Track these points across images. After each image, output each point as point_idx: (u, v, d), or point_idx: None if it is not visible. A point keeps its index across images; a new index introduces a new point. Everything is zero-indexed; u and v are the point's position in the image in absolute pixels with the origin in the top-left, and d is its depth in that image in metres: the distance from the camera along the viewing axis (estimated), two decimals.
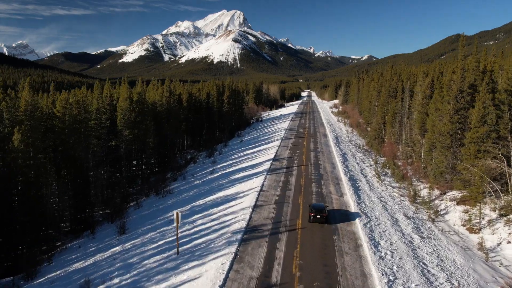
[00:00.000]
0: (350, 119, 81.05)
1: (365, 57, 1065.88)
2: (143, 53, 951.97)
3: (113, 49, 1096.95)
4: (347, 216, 23.16)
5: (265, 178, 31.56)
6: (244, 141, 60.45)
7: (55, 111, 31.35)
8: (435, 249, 20.54)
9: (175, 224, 19.41)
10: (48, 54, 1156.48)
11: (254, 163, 38.95)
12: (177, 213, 18.84)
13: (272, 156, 40.41)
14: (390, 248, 19.29)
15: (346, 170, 35.11)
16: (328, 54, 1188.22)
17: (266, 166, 36.08)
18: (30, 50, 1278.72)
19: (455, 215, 26.88)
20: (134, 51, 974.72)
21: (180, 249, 19.67)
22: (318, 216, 21.47)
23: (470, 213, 25.85)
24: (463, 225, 25.63)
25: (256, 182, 30.46)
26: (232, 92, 79.86)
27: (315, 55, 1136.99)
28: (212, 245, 19.43)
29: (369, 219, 22.81)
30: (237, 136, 69.59)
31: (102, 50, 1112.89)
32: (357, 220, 22.27)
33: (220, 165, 42.48)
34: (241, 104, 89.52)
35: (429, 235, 22.46)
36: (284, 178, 31.64)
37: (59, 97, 31.80)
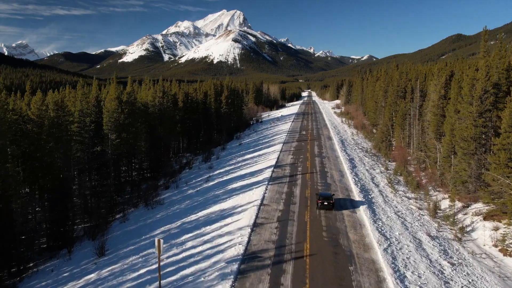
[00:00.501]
0: (354, 120, 77.58)
1: (365, 57, 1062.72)
2: (143, 53, 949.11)
3: (113, 49, 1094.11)
4: (363, 238, 19.69)
5: (266, 189, 28.09)
6: (243, 144, 56.98)
7: (29, 114, 27.88)
8: (470, 280, 17.08)
9: (158, 252, 15.94)
10: (48, 54, 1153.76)
11: (253, 170, 35.48)
12: (158, 241, 15.36)
13: (273, 162, 36.93)
14: (419, 283, 15.81)
15: (356, 179, 31.63)
16: (328, 54, 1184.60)
17: (267, 174, 32.60)
18: (30, 50, 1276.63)
19: (484, 233, 23.39)
20: (134, 51, 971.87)
21: (163, 282, 16.21)
22: (326, 203, 23.63)
23: (503, 232, 22.36)
24: (495, 245, 22.14)
25: (256, 194, 26.99)
26: (231, 92, 76.37)
27: (315, 55, 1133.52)
28: (202, 279, 15.94)
29: (389, 242, 19.33)
30: (236, 139, 66.14)
31: (102, 50, 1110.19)
32: (375, 244, 18.78)
33: (217, 172, 39.01)
34: (240, 105, 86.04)
35: (460, 261, 19.00)
36: (288, 189, 28.17)
37: (34, 98, 28.32)
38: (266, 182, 29.76)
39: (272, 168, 34.59)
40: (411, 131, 46.82)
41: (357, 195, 26.94)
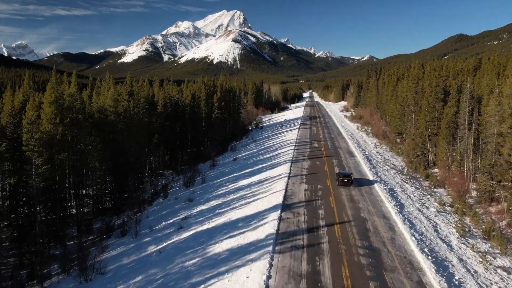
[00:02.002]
0: (372, 127, 65.52)
1: (365, 58, 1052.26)
2: (143, 53, 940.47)
3: (113, 50, 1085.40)
4: None
5: (271, 267, 16.01)
6: (238, 159, 44.88)
7: None
8: None
9: None
10: (48, 55, 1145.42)
11: (250, 212, 23.38)
12: None
13: (280, 198, 24.82)
14: None
15: (416, 234, 19.55)
16: (328, 54, 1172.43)
17: (271, 224, 20.51)
18: (29, 51, 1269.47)
19: None
20: (133, 51, 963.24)
21: None
22: (346, 180, 27.62)
23: None
24: None
25: (253, 278, 14.95)
26: (225, 93, 64.31)
27: (316, 56, 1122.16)
28: None
29: None
30: (230, 150, 54.08)
31: (102, 51, 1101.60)
32: None
33: (197, 209, 26.97)
34: (237, 108, 73.99)
35: None
36: (308, 266, 16.08)
37: None
38: (271, 247, 17.67)
39: (279, 211, 22.48)
40: (465, 147, 34.76)
41: (435, 280, 14.84)
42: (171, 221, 26.00)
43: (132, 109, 35.44)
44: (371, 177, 30.84)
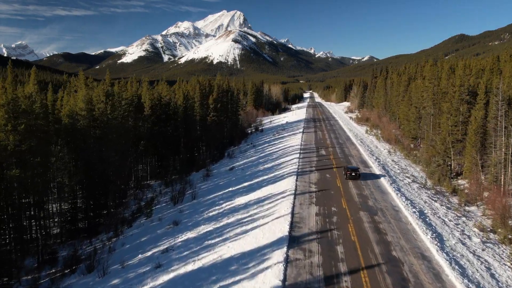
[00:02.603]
0: (382, 131, 60.37)
1: (366, 58, 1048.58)
2: (143, 53, 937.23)
3: (113, 50, 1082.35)
4: None
5: None
6: (235, 168, 39.69)
7: None
8: None
9: None
10: (48, 55, 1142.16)
11: (248, 248, 18.19)
12: None
13: (285, 228, 19.61)
14: None
15: (472, 287, 14.42)
16: (328, 55, 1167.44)
17: (275, 270, 15.31)
18: (29, 51, 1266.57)
19: None
20: (133, 52, 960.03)
21: None
22: (353, 174, 28.84)
23: None
24: None
25: None
26: (222, 93, 59.15)
27: (316, 56, 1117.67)
28: None
29: None
30: (227, 157, 48.90)
31: (102, 51, 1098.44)
32: None
33: (183, 237, 21.80)
34: (235, 110, 68.82)
35: None
36: None
37: None
38: None
39: (285, 247, 17.31)
40: (501, 157, 29.56)
41: None
42: (149, 253, 20.82)
43: (110, 113, 30.31)
44: (394, 195, 25.63)
